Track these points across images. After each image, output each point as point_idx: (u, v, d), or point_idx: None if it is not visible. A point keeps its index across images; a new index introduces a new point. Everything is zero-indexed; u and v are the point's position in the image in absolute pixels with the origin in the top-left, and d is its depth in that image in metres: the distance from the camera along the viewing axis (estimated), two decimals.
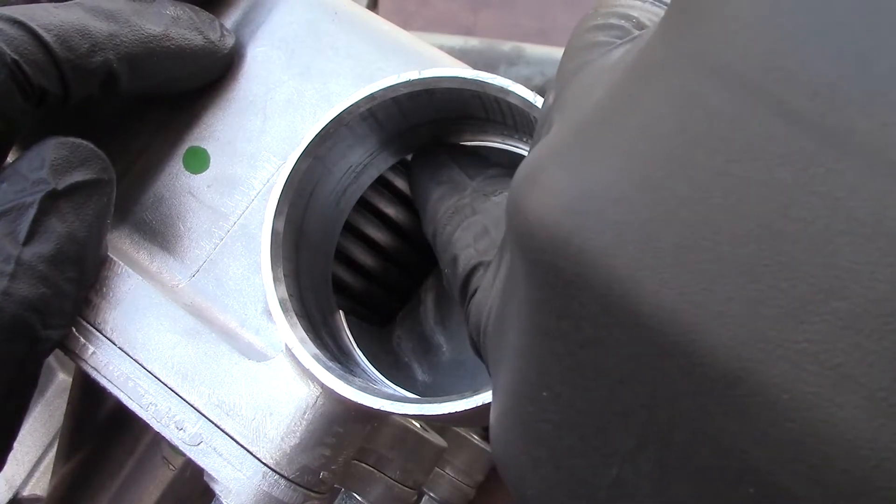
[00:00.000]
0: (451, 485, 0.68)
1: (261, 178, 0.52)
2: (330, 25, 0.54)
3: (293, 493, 0.46)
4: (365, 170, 0.51)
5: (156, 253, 0.53)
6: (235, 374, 0.47)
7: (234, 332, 0.50)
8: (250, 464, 0.46)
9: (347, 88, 0.53)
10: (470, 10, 1.01)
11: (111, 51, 0.48)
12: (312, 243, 0.49)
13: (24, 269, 0.44)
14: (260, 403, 0.47)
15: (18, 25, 0.46)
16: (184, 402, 0.47)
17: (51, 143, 0.47)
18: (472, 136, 0.51)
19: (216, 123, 0.54)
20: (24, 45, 0.45)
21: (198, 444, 0.47)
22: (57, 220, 0.46)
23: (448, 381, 0.55)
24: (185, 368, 0.48)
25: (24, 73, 0.45)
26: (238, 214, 0.52)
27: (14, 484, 0.64)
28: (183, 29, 0.52)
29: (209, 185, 0.53)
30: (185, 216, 0.53)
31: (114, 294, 0.50)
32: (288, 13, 0.55)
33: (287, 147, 0.52)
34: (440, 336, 0.56)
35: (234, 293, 0.51)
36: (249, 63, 0.55)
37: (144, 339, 0.49)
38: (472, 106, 0.48)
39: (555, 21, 0.98)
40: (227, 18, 0.56)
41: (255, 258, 0.51)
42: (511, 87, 0.44)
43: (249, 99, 0.54)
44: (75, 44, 0.47)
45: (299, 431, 0.46)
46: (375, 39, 0.54)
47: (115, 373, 0.49)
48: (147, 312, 0.49)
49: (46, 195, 0.45)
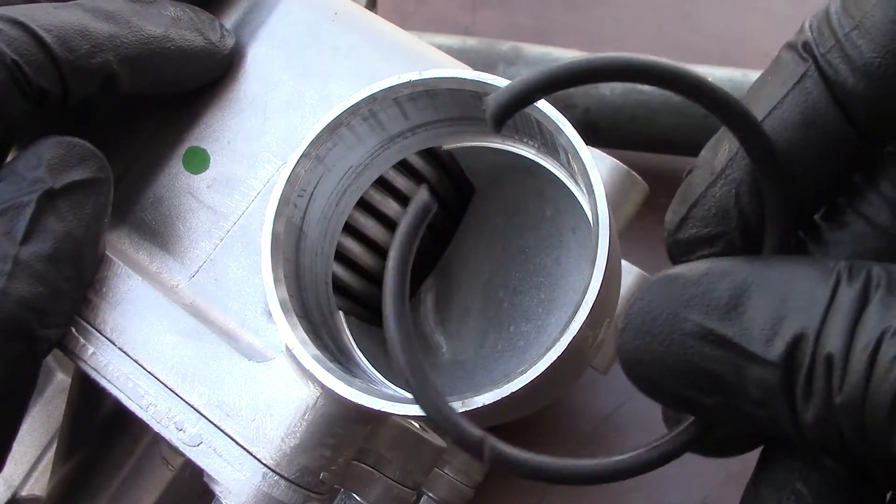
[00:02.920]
0: (450, 485, 0.68)
1: (261, 178, 0.52)
2: (330, 26, 0.54)
3: (293, 493, 0.46)
4: (365, 170, 0.51)
5: (155, 253, 0.52)
6: (235, 375, 0.47)
7: (234, 333, 0.50)
8: (250, 464, 0.46)
9: (347, 89, 0.53)
10: (468, 10, 1.01)
11: (111, 51, 0.48)
12: (312, 243, 0.49)
13: (21, 268, 0.44)
14: (260, 404, 0.47)
15: (19, 26, 0.46)
16: (184, 402, 0.47)
17: (48, 143, 0.47)
18: (473, 137, 0.51)
19: (216, 123, 0.54)
20: (24, 46, 0.45)
21: (198, 445, 0.47)
22: (54, 219, 0.46)
23: (447, 382, 0.55)
24: (185, 369, 0.48)
25: (24, 74, 0.45)
26: (238, 214, 0.52)
27: (13, 484, 0.64)
28: (183, 30, 0.52)
29: (209, 185, 0.53)
30: (184, 216, 0.53)
31: (113, 294, 0.50)
32: (288, 13, 0.55)
33: (287, 147, 0.52)
34: (440, 336, 0.56)
35: (234, 293, 0.51)
36: (249, 63, 0.55)
37: (144, 340, 0.49)
38: (472, 107, 0.48)
39: (553, 21, 0.98)
40: (227, 19, 0.56)
41: (255, 258, 0.51)
42: None
43: (249, 99, 0.54)
44: (75, 44, 0.47)
45: (299, 432, 0.46)
46: (375, 40, 0.54)
47: (114, 373, 0.49)
48: (147, 313, 0.49)
49: (44, 194, 0.45)
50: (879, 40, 0.34)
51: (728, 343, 0.32)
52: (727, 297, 0.33)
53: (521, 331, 0.54)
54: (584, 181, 0.43)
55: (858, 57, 0.34)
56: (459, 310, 0.56)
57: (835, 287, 0.32)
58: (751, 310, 0.33)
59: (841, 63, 0.35)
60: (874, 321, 0.30)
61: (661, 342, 0.33)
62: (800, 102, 0.36)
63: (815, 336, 0.31)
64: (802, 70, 0.36)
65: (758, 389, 0.32)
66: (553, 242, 0.55)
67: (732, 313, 0.33)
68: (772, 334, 0.32)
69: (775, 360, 0.32)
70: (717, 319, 0.33)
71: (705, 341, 0.33)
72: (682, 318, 0.33)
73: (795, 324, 0.32)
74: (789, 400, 0.32)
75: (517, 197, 0.55)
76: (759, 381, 0.32)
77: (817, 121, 0.35)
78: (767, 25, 0.95)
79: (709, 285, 0.33)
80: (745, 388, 0.33)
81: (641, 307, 0.34)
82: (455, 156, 0.53)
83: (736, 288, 0.33)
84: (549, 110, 0.44)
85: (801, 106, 0.35)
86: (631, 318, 0.34)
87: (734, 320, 0.33)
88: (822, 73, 0.35)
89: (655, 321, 0.34)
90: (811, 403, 0.31)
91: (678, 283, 0.34)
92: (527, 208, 0.55)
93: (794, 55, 0.36)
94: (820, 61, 0.35)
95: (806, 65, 0.36)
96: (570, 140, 0.43)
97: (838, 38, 0.35)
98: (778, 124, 0.36)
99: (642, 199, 0.55)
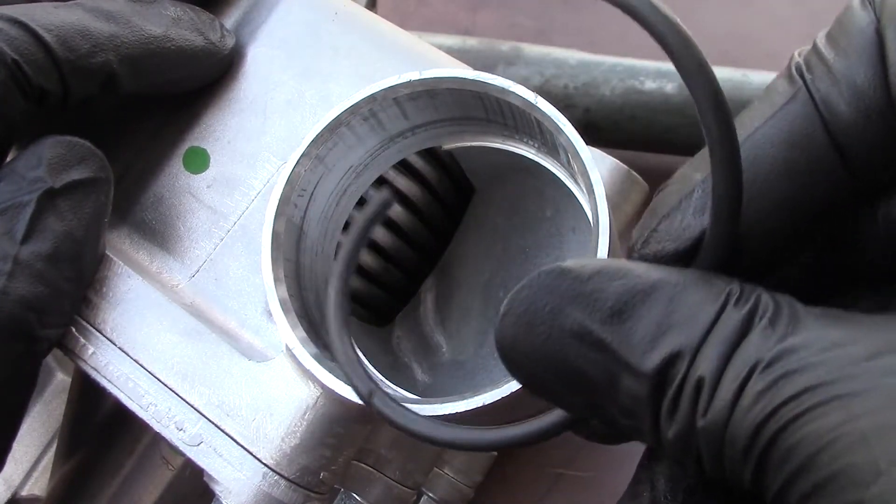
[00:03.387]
0: (450, 485, 0.68)
1: (261, 178, 0.52)
2: (330, 25, 0.54)
3: (293, 493, 0.46)
4: (365, 170, 0.51)
5: (156, 253, 0.52)
6: (236, 375, 0.47)
7: (234, 333, 0.50)
8: (250, 464, 0.46)
9: (347, 89, 0.53)
10: (468, 10, 1.01)
11: (111, 51, 0.48)
12: (313, 243, 0.49)
13: (21, 267, 0.44)
14: (260, 404, 0.47)
15: (19, 25, 0.46)
16: (184, 402, 0.47)
17: (48, 142, 0.47)
18: (473, 136, 0.51)
19: (216, 123, 0.54)
20: (24, 46, 0.45)
21: (198, 445, 0.47)
22: (55, 219, 0.46)
23: (447, 382, 0.55)
24: (185, 369, 0.48)
25: (25, 74, 0.45)
26: (238, 214, 0.52)
27: (13, 484, 0.64)
28: (183, 30, 0.52)
29: (209, 185, 0.53)
30: (185, 216, 0.53)
31: (113, 294, 0.50)
32: (288, 13, 0.55)
33: (287, 147, 0.52)
34: (440, 336, 0.56)
35: (234, 293, 0.51)
36: (249, 63, 0.55)
37: (144, 340, 0.49)
38: (472, 106, 0.48)
39: (553, 21, 0.98)
40: (227, 19, 0.56)
41: (255, 258, 0.51)
42: (512, 88, 0.44)
43: (249, 99, 0.54)
44: (76, 44, 0.47)
45: (299, 432, 0.46)
46: (376, 39, 0.54)
47: (114, 373, 0.49)
48: (147, 312, 0.49)
49: (44, 194, 0.45)
50: (865, 68, 0.34)
51: (605, 347, 0.32)
52: (614, 300, 0.32)
53: None
54: (584, 181, 0.43)
55: (847, 83, 0.34)
56: (459, 310, 0.56)
57: (720, 309, 0.31)
58: (635, 318, 0.32)
59: (830, 87, 0.34)
60: (750, 352, 0.30)
61: (538, 334, 0.32)
62: (787, 121, 0.34)
63: (692, 356, 0.31)
64: (792, 93, 0.35)
65: (627, 398, 0.32)
66: (553, 242, 0.55)
67: (616, 318, 0.32)
68: (650, 347, 0.31)
69: (648, 373, 0.31)
70: (599, 322, 0.32)
71: (583, 342, 0.32)
72: (565, 315, 0.32)
73: (675, 340, 0.31)
74: (654, 414, 0.31)
75: (517, 197, 0.55)
76: (630, 390, 0.31)
77: (803, 141, 0.34)
78: (767, 25, 0.95)
79: (598, 285, 0.32)
80: (615, 394, 0.32)
81: (526, 295, 0.33)
82: (455, 156, 0.53)
83: (625, 293, 0.32)
84: (550, 110, 0.44)
85: (787, 125, 0.34)
86: (513, 304, 0.33)
87: (616, 326, 0.32)
88: (812, 97, 0.34)
89: (537, 312, 0.32)
90: (674, 422, 0.31)
91: (567, 278, 0.33)
92: (527, 208, 0.55)
93: (784, 81, 0.36)
94: (809, 86, 0.34)
95: (795, 87, 0.35)
96: (571, 140, 0.43)
97: (828, 64, 0.34)
98: (762, 140, 0.35)
99: (642, 199, 0.55)
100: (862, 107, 0.33)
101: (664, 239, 0.35)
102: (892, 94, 0.33)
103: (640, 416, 0.32)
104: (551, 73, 0.86)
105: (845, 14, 0.35)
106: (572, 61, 0.86)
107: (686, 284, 0.32)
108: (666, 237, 0.35)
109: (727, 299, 0.31)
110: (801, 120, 0.34)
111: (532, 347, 0.33)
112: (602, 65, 0.85)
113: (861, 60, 0.34)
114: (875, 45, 0.34)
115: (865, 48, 0.34)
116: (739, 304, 0.31)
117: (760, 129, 0.35)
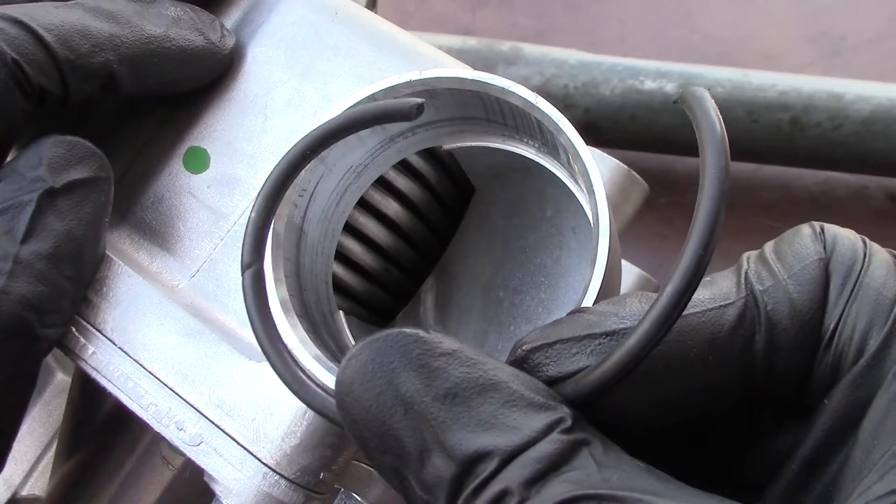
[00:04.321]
0: None
1: (261, 177, 0.52)
2: (330, 25, 0.54)
3: (293, 493, 0.46)
4: (365, 170, 0.51)
5: (156, 253, 0.52)
6: (236, 375, 0.47)
7: (234, 333, 0.50)
8: (251, 464, 0.46)
9: (348, 89, 0.53)
10: (468, 10, 1.01)
11: (112, 51, 0.48)
12: (313, 243, 0.49)
13: (21, 267, 0.44)
14: (260, 404, 0.47)
15: (19, 25, 0.46)
16: (184, 402, 0.47)
17: (48, 142, 0.47)
18: (473, 136, 0.51)
19: (216, 123, 0.54)
20: (24, 45, 0.45)
21: (198, 445, 0.47)
22: (55, 218, 0.46)
23: None
24: (186, 368, 0.48)
25: (25, 73, 0.45)
26: (238, 214, 0.52)
27: (13, 484, 0.64)
28: (184, 30, 0.52)
29: (209, 185, 0.53)
30: (185, 216, 0.53)
31: (114, 294, 0.50)
32: (288, 13, 0.55)
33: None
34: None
35: (234, 293, 0.51)
36: (250, 63, 0.55)
37: (144, 339, 0.49)
38: (472, 106, 0.48)
39: (553, 21, 0.98)
40: (227, 19, 0.56)
41: None
42: (512, 88, 0.44)
43: (249, 99, 0.54)
44: (76, 44, 0.47)
45: (300, 432, 0.46)
46: (376, 39, 0.54)
47: (115, 373, 0.49)
48: (147, 312, 0.49)
49: (44, 193, 0.45)
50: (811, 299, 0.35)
51: (428, 422, 0.33)
52: (453, 383, 0.33)
53: (521, 331, 0.54)
54: (584, 181, 0.43)
55: (792, 307, 0.35)
56: (459, 310, 0.56)
57: (547, 429, 0.32)
58: (466, 406, 0.33)
59: (778, 305, 0.35)
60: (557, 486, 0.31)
61: (374, 387, 0.33)
62: (716, 324, 0.35)
63: (502, 461, 0.31)
64: (733, 298, 0.36)
65: (431, 475, 0.32)
66: (553, 242, 0.55)
67: (448, 400, 0.33)
68: (469, 436, 0.32)
69: (458, 458, 0.32)
70: (432, 397, 0.33)
71: (410, 410, 0.33)
72: (404, 378, 0.33)
73: (493, 440, 0.32)
74: (451, 498, 0.32)
75: (517, 197, 0.55)
76: (436, 468, 0.32)
77: (722, 351, 0.35)
78: (767, 25, 0.95)
79: (445, 364, 0.33)
80: (421, 468, 0.33)
81: (377, 347, 0.34)
82: (455, 156, 0.53)
83: (466, 381, 0.33)
84: (550, 110, 0.44)
85: (715, 328, 0.35)
86: (363, 350, 0.34)
87: (446, 406, 0.33)
88: (758, 307, 0.35)
89: (381, 367, 0.33)
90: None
91: (420, 346, 0.34)
92: (527, 208, 0.55)
93: (731, 282, 0.36)
94: (758, 297, 0.35)
95: (740, 295, 0.36)
96: (571, 140, 0.43)
97: (779, 282, 0.36)
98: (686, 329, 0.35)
99: (642, 199, 0.55)
100: (801, 332, 0.35)
101: (551, 361, 0.36)
102: (822, 331, 0.35)
103: (436, 496, 0.33)
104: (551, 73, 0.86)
105: (796, 239, 0.37)
106: (572, 61, 0.86)
107: (525, 396, 0.33)
108: (553, 360, 0.36)
109: (557, 424, 0.32)
110: (729, 330, 0.35)
111: (364, 397, 0.34)
112: (602, 65, 0.85)
113: (809, 290, 0.35)
114: (821, 283, 0.36)
115: (813, 281, 0.36)
116: (569, 431, 0.32)
117: (691, 317, 0.35)
